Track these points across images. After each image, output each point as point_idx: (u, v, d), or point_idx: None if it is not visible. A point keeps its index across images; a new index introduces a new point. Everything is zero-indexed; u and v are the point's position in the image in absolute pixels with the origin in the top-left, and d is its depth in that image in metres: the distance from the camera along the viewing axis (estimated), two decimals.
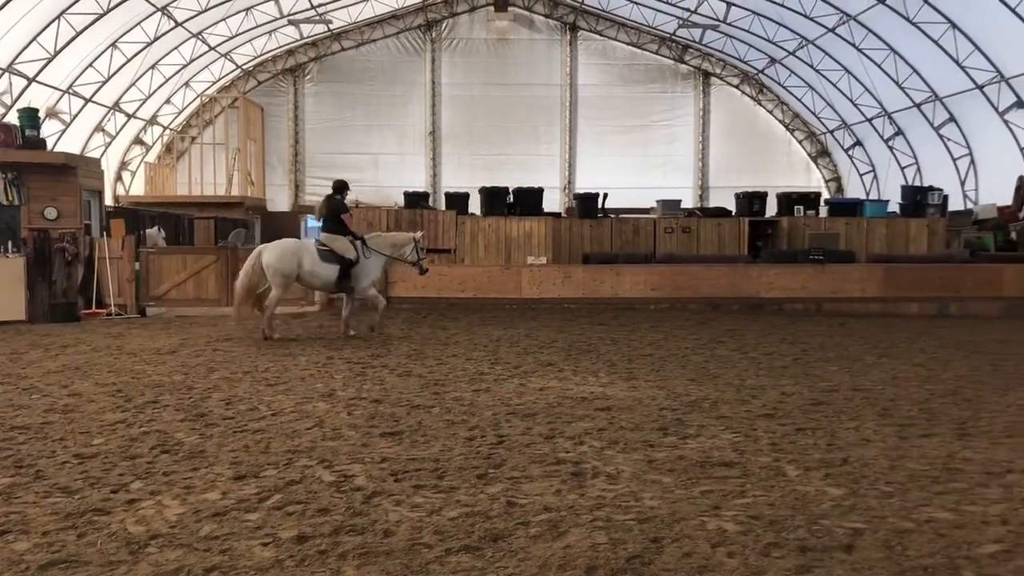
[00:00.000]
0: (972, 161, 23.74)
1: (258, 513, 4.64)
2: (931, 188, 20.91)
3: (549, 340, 12.39)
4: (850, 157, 29.62)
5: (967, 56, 21.18)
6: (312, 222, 35.84)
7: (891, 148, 27.07)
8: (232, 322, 13.15)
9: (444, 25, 30.42)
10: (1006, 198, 20.83)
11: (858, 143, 29.05)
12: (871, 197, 26.75)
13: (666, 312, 16.77)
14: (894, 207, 21.20)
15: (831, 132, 30.01)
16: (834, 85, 27.17)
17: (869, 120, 27.37)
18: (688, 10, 26.88)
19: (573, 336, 12.90)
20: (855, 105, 27.19)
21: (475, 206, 20.37)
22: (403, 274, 17.44)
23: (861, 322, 15.62)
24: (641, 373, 9.49)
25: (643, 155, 30.22)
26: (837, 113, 28.71)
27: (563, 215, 21.29)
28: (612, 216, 19.71)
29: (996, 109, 21.51)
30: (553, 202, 26.53)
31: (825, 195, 27.35)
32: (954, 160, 24.16)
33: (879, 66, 24.32)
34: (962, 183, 23.95)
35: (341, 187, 12.94)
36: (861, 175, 29.38)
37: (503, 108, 30.00)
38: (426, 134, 30.24)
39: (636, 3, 28.40)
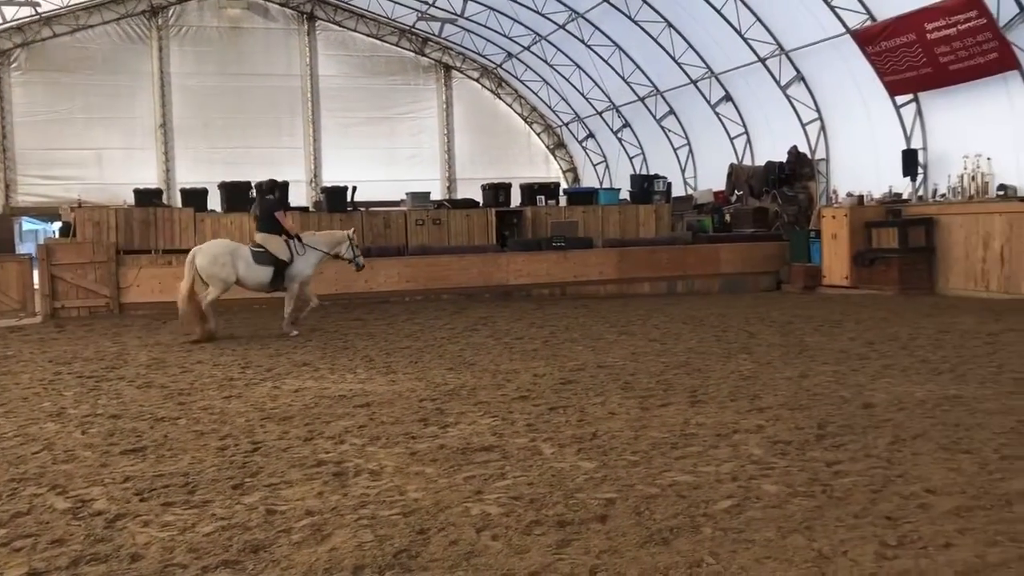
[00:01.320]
0: (691, 150, 25.94)
1: None
2: (656, 176, 22.64)
3: (303, 339, 12.08)
4: (584, 148, 31.35)
5: (682, 53, 23.09)
6: (28, 224, 32.56)
7: (620, 139, 28.95)
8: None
9: (171, 12, 28.64)
10: (720, 183, 22.99)
11: (591, 135, 30.80)
12: (604, 186, 28.49)
13: (421, 303, 16.90)
14: (625, 195, 22.70)
15: (566, 125, 31.58)
16: (567, 80, 28.60)
17: (600, 113, 29.09)
18: (426, 3, 27.17)
19: (328, 333, 12.66)
20: (586, 99, 28.79)
21: (215, 202, 19.39)
22: (138, 278, 16.29)
23: (601, 303, 16.60)
24: (399, 366, 9.50)
25: (390, 147, 30.23)
26: (571, 107, 30.26)
27: (311, 209, 20.79)
28: (362, 209, 19.51)
29: (708, 102, 23.64)
30: (300, 196, 25.88)
31: (564, 185, 28.77)
32: (675, 150, 26.28)
33: (606, 62, 25.90)
34: (683, 171, 26.11)
35: (272, 187, 13.30)
36: (595, 165, 31.19)
37: (241, 100, 28.77)
38: (156, 127, 28.35)
39: None
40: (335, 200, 19.32)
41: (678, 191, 24.42)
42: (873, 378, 8.04)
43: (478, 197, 21.34)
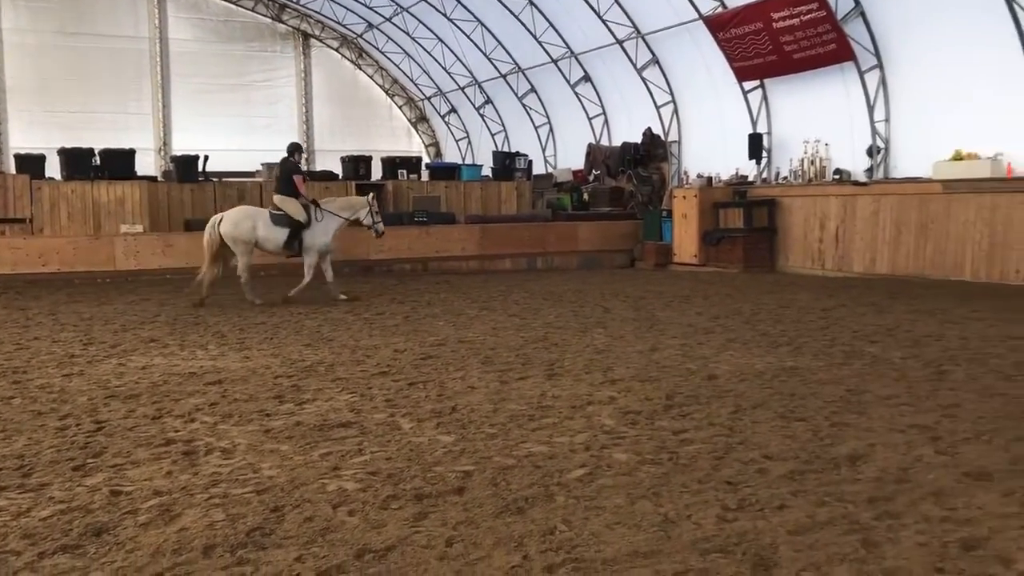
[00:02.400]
0: (551, 129, 26.28)
1: None
2: (518, 153, 22.86)
3: (151, 315, 11.58)
4: (447, 123, 31.22)
5: (543, 32, 23.31)
6: None
7: (482, 115, 28.99)
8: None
9: None
10: (580, 162, 23.43)
11: (453, 110, 30.69)
12: (467, 162, 28.50)
13: (278, 278, 16.45)
14: (487, 171, 22.82)
15: (428, 99, 31.34)
16: (429, 53, 28.34)
17: (462, 88, 29.02)
18: None
19: (178, 309, 12.19)
20: (449, 73, 28.64)
21: (53, 169, 18.23)
22: None
23: (463, 279, 16.68)
24: (254, 342, 9.25)
25: (245, 116, 29.10)
26: (433, 81, 30.03)
27: (160, 179, 19.89)
28: (215, 180, 18.80)
29: (568, 82, 24.00)
30: (148, 165, 24.61)
31: (426, 159, 28.59)
32: (536, 128, 26.56)
33: (469, 37, 25.83)
34: (543, 149, 26.44)
35: (295, 149, 13.40)
36: (457, 140, 31.13)
37: (83, 61, 26.99)
38: None
39: None
40: (185, 169, 18.56)
41: (539, 169, 24.73)
42: (718, 351, 8.45)
43: (338, 169, 20.94)
